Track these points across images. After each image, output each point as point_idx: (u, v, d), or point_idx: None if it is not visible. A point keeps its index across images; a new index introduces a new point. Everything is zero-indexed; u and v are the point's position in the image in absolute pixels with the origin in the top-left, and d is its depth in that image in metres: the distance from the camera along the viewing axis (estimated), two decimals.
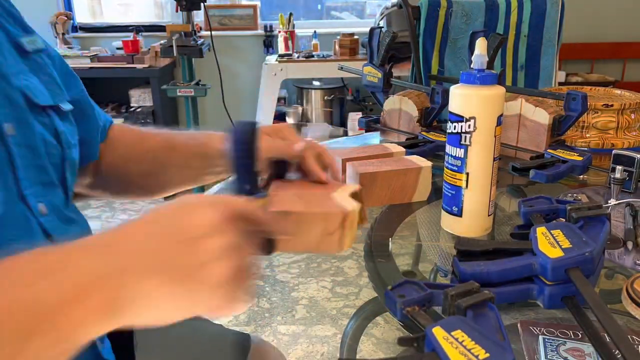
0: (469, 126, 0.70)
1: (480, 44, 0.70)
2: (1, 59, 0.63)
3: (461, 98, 0.71)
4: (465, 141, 0.71)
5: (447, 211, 0.76)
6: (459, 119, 0.71)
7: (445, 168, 0.75)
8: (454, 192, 0.74)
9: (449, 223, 0.77)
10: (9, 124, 0.60)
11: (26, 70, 0.67)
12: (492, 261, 0.56)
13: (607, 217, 0.63)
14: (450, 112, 0.73)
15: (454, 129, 0.72)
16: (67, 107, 0.71)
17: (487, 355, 0.44)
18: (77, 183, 0.83)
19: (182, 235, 0.40)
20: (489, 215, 0.75)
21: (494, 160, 0.72)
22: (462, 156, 0.72)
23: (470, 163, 0.72)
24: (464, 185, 0.73)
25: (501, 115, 0.71)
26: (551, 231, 0.59)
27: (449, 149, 0.74)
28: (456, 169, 0.73)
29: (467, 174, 0.72)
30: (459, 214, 0.74)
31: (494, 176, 0.73)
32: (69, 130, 0.71)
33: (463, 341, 0.46)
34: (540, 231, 0.59)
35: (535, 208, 0.68)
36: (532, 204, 0.69)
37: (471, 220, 0.74)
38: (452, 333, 0.46)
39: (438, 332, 0.47)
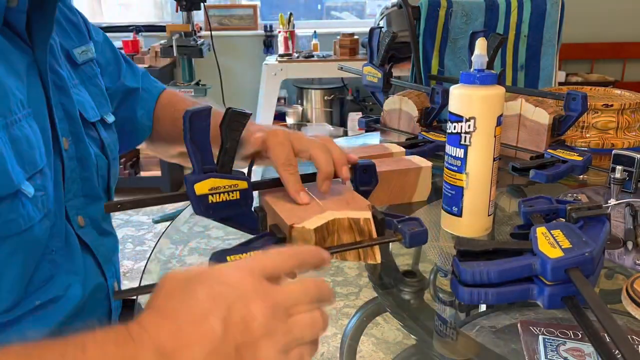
0: (469, 126, 0.70)
1: (480, 44, 0.70)
2: (63, 73, 0.64)
3: (461, 98, 0.71)
4: (465, 141, 0.71)
5: (447, 211, 0.76)
6: (459, 119, 0.71)
7: (445, 168, 0.75)
8: (454, 192, 0.74)
9: (449, 223, 0.77)
10: (66, 138, 0.62)
11: (77, 83, 0.69)
12: (492, 261, 0.56)
13: (607, 217, 0.63)
14: (450, 112, 0.73)
15: (454, 129, 0.72)
16: (110, 119, 0.74)
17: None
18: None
19: (240, 340, 0.38)
20: (489, 215, 0.75)
21: (494, 160, 0.72)
22: (462, 156, 0.72)
23: (470, 163, 0.72)
24: (464, 185, 0.73)
25: (501, 115, 0.71)
26: (551, 231, 0.59)
27: (449, 149, 0.74)
28: (456, 169, 0.73)
29: (467, 174, 0.72)
30: (459, 214, 0.74)
31: (494, 176, 0.73)
32: (113, 141, 0.74)
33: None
34: (540, 231, 0.59)
35: (535, 208, 0.68)
36: (532, 204, 0.69)
37: (471, 220, 0.74)
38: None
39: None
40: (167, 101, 0.88)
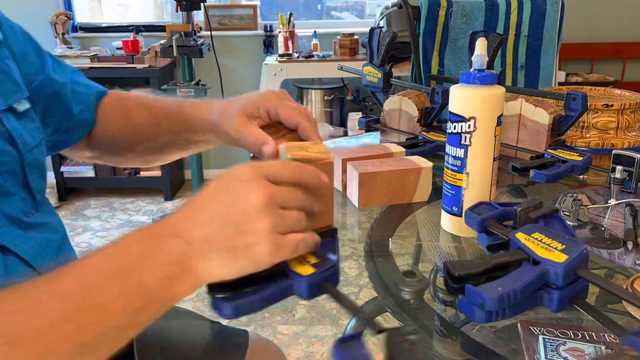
0: (469, 126, 0.70)
1: (480, 44, 0.70)
2: None
3: (461, 98, 0.71)
4: (465, 141, 0.71)
5: (447, 211, 0.76)
6: (459, 119, 0.71)
7: (445, 168, 0.75)
8: (454, 192, 0.74)
9: (449, 223, 0.77)
10: None
11: None
12: (504, 280, 0.53)
13: (557, 211, 0.63)
14: (450, 112, 0.73)
15: (454, 129, 0.72)
16: (22, 107, 0.67)
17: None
18: (79, 155, 0.87)
19: (239, 218, 0.47)
20: None
21: (494, 160, 0.72)
22: (462, 156, 0.72)
23: (470, 163, 0.72)
24: (464, 185, 0.73)
25: (501, 115, 0.71)
26: (532, 235, 0.58)
27: (449, 149, 0.74)
28: (456, 169, 0.73)
29: (467, 174, 0.72)
30: (459, 214, 0.74)
31: (494, 176, 0.73)
32: (29, 130, 0.67)
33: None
34: (523, 237, 0.57)
35: (487, 215, 0.66)
36: (480, 211, 0.67)
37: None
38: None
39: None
40: (114, 99, 0.84)
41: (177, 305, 0.72)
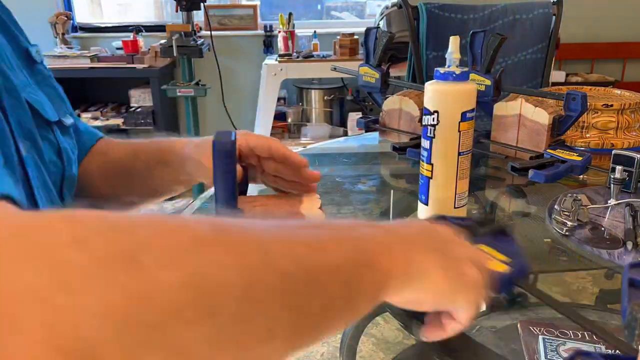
0: (433, 119, 0.73)
1: (453, 42, 0.72)
2: (11, 71, 0.57)
3: (427, 93, 0.74)
4: (430, 133, 0.74)
5: (420, 199, 0.79)
6: (426, 111, 0.74)
7: None
8: (422, 182, 0.77)
9: (420, 212, 0.79)
10: (24, 142, 0.56)
11: (32, 82, 0.63)
12: None
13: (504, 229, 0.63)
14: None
15: (424, 121, 0.75)
16: (69, 121, 0.69)
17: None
18: None
19: (447, 240, 0.46)
20: (455, 208, 0.77)
21: (459, 154, 0.74)
22: (428, 147, 0.75)
23: (434, 155, 0.74)
24: (429, 175, 0.75)
25: (469, 111, 0.72)
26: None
27: (422, 140, 0.76)
28: (424, 159, 0.76)
29: (432, 164, 0.75)
30: (426, 202, 0.77)
31: (461, 169, 0.75)
32: (70, 145, 0.68)
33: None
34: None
35: None
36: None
37: (436, 210, 0.76)
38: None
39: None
40: (99, 149, 0.79)
41: None
